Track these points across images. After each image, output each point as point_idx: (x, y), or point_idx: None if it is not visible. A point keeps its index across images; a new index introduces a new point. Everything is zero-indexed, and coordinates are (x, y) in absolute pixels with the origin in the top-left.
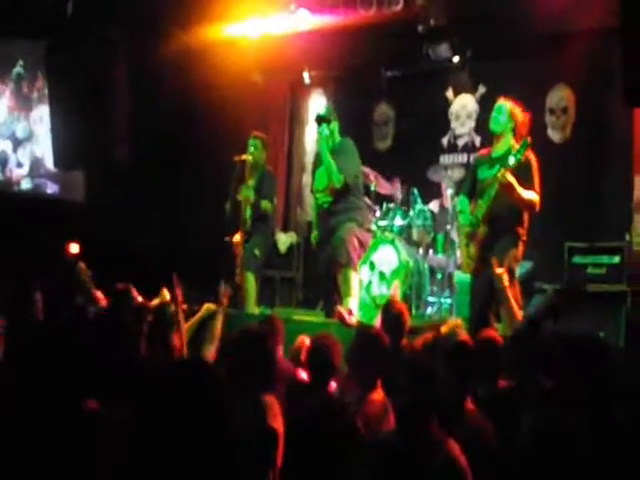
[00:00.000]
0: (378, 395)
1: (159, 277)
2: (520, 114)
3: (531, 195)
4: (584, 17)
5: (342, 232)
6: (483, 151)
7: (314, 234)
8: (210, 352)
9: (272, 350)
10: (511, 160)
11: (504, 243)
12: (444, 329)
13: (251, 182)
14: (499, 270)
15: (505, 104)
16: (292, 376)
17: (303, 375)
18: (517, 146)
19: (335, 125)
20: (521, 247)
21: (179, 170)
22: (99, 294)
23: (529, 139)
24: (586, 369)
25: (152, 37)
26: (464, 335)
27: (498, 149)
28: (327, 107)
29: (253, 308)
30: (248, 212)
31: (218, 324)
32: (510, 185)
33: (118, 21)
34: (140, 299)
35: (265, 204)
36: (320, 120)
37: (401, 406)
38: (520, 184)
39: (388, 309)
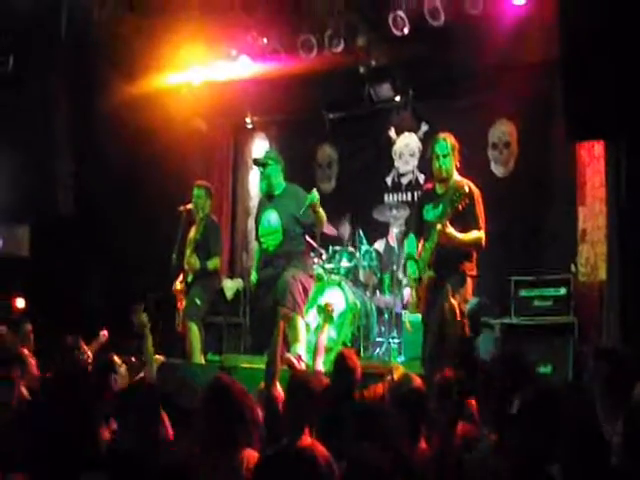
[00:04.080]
0: (305, 441)
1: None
2: (454, 140)
3: (475, 235)
4: (524, 52)
5: (286, 277)
6: (427, 186)
7: (253, 277)
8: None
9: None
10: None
11: (453, 283)
12: (395, 376)
13: (195, 235)
14: (453, 301)
15: (445, 138)
16: None
17: None
18: (459, 180)
19: (274, 169)
20: (470, 284)
21: (124, 221)
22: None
23: (467, 188)
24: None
25: (94, 88)
26: (416, 380)
27: (443, 185)
28: (269, 151)
29: (199, 357)
30: (190, 277)
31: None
32: (450, 236)
33: (59, 73)
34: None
35: (212, 263)
36: (256, 164)
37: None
38: (464, 223)
39: (339, 362)
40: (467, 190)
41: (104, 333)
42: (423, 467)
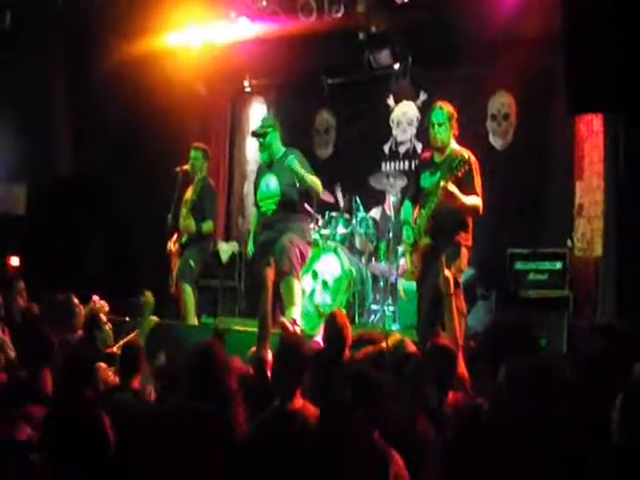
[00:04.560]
0: (297, 404)
1: (98, 289)
2: (452, 109)
3: (474, 200)
4: (526, 25)
5: (284, 241)
6: (425, 155)
7: (251, 243)
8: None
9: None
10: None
11: (448, 253)
12: (389, 342)
13: (191, 196)
14: (447, 273)
15: (442, 107)
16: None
17: None
18: (457, 149)
19: (273, 136)
20: (465, 254)
21: (121, 181)
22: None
23: (466, 155)
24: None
25: (92, 49)
26: (412, 347)
27: (440, 153)
28: (265, 117)
29: (192, 319)
30: (184, 238)
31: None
32: (453, 194)
33: (56, 33)
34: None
35: (207, 226)
36: (255, 136)
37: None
38: (462, 190)
39: (330, 322)
40: (466, 157)
41: (95, 299)
42: (419, 434)
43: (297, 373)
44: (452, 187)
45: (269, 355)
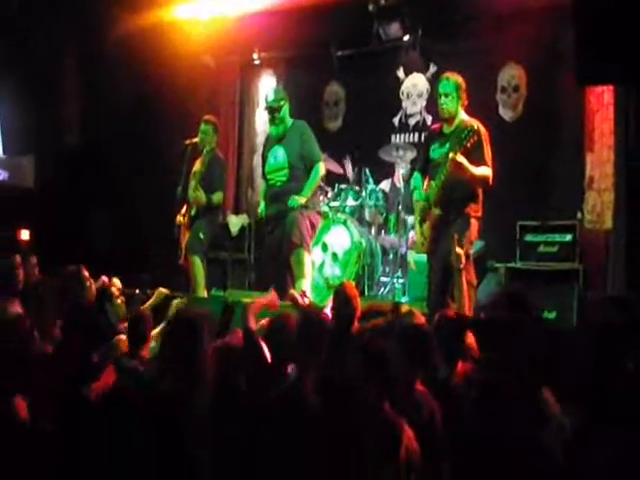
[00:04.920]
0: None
1: (109, 261)
2: (460, 79)
3: (484, 170)
4: None
5: (294, 212)
6: (435, 126)
7: (261, 212)
8: None
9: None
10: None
11: (458, 226)
12: (400, 311)
13: (200, 169)
14: (459, 250)
15: (448, 77)
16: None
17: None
18: (467, 120)
19: (286, 109)
20: (475, 225)
21: (130, 154)
22: None
23: (475, 126)
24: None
25: (100, 21)
26: (420, 318)
27: (449, 124)
28: (277, 90)
29: (202, 291)
30: (194, 210)
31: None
32: (462, 165)
33: (65, 8)
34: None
35: (217, 197)
36: (270, 111)
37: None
38: (472, 160)
39: (339, 293)
40: (476, 127)
41: (104, 279)
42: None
43: (320, 346)
44: (461, 158)
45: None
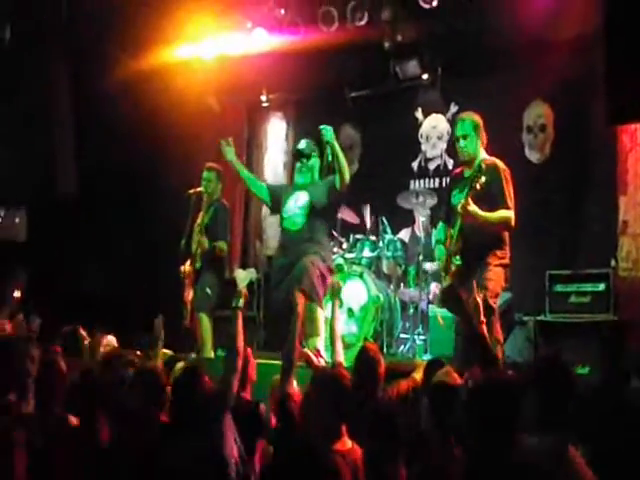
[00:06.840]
0: (343, 445)
1: (105, 318)
2: (476, 118)
3: (501, 213)
4: (562, 28)
5: (305, 262)
6: (456, 171)
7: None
8: None
9: None
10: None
11: (478, 278)
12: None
13: (204, 219)
14: (477, 298)
15: (464, 118)
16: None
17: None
18: (487, 159)
19: (317, 161)
20: (501, 274)
21: (129, 204)
22: None
23: (483, 165)
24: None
25: (98, 64)
26: (456, 379)
27: (469, 167)
28: (308, 142)
29: (209, 352)
30: (198, 263)
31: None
32: (473, 213)
33: (60, 47)
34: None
35: (220, 246)
36: (300, 155)
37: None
38: (487, 202)
39: (362, 357)
40: (484, 167)
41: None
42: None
43: (340, 409)
44: (471, 207)
45: (294, 389)
